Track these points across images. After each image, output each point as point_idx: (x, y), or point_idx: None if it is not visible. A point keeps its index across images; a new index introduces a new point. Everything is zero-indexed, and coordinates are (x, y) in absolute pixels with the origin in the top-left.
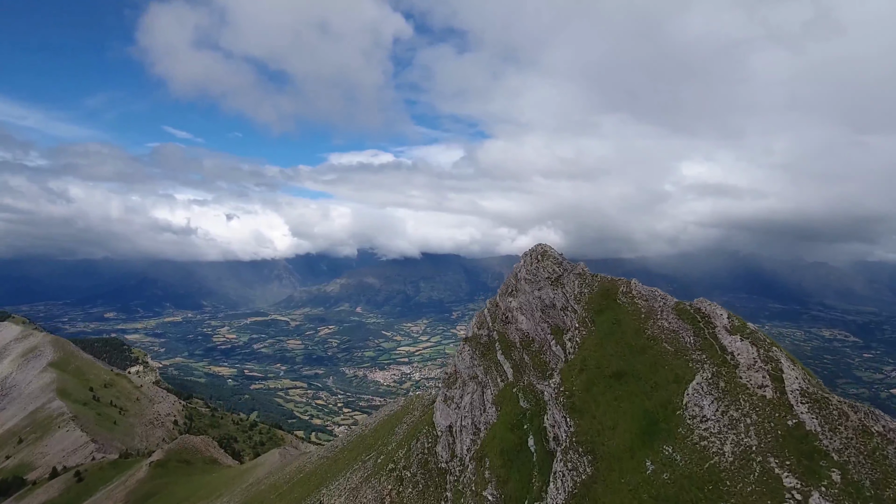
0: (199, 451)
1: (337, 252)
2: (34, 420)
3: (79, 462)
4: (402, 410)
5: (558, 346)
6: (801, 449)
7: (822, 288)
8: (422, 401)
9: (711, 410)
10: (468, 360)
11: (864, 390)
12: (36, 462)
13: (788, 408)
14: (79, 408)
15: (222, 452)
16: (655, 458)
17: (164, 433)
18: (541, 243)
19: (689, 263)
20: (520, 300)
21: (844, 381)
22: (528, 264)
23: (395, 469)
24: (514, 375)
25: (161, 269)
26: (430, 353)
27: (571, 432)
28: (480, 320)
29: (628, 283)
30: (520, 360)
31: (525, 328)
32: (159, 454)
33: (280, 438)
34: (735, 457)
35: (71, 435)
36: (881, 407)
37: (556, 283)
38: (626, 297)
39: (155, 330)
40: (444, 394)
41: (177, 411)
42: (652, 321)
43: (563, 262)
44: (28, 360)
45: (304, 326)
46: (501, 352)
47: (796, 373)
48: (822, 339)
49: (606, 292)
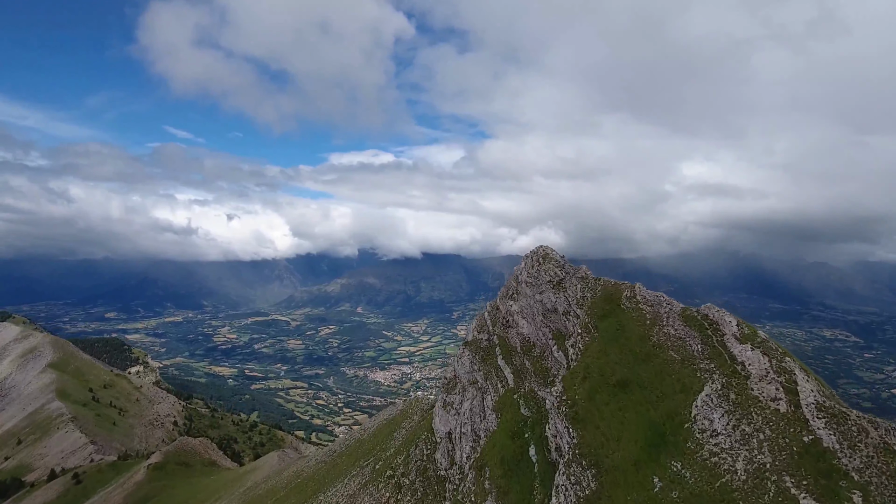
0: (198, 454)
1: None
2: (33, 421)
3: (77, 464)
4: (400, 415)
5: (560, 352)
6: (819, 468)
7: (822, 288)
8: (421, 405)
9: (722, 424)
10: (468, 365)
11: (865, 390)
12: (35, 463)
13: (804, 423)
14: (78, 409)
15: (221, 454)
16: (663, 473)
17: (163, 434)
18: (542, 245)
19: (690, 264)
20: (521, 304)
21: (845, 382)
22: (529, 267)
23: (393, 476)
24: (514, 381)
25: (162, 269)
26: (430, 354)
27: (574, 444)
28: (481, 324)
29: (632, 287)
30: (521, 365)
31: (526, 332)
32: (157, 456)
33: (280, 439)
34: (748, 475)
35: (70, 436)
36: (882, 407)
37: (558, 286)
38: (631, 301)
39: (156, 330)
40: (443, 399)
41: (177, 412)
42: (657, 328)
43: (564, 266)
44: (27, 360)
45: (305, 326)
46: (502, 357)
47: (811, 385)
48: (822, 339)
49: (610, 297)
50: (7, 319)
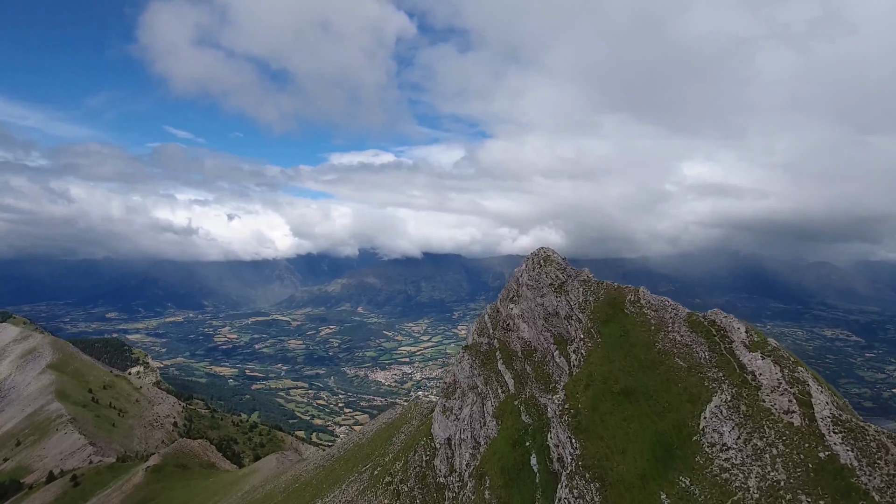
0: (197, 456)
1: (338, 252)
2: (32, 422)
3: (76, 465)
4: (399, 418)
5: (562, 358)
6: (836, 486)
7: (823, 288)
8: (420, 409)
9: (732, 438)
10: (468, 370)
11: (866, 390)
12: (33, 465)
13: (819, 438)
14: (77, 410)
15: (220, 456)
16: (671, 489)
17: (163, 435)
18: (543, 247)
19: (690, 263)
20: (521, 307)
21: (846, 381)
22: (529, 269)
23: (391, 482)
24: (515, 387)
25: (162, 269)
26: (430, 353)
27: (577, 455)
28: (481, 327)
29: (636, 291)
30: (521, 370)
31: (527, 337)
32: (156, 459)
33: (280, 440)
34: (761, 493)
35: (69, 437)
36: (884, 407)
37: (560, 290)
38: (635, 306)
39: (156, 330)
40: (442, 404)
41: (176, 413)
42: (663, 334)
43: (566, 268)
44: (27, 361)
45: (306, 326)
46: (502, 361)
47: (825, 397)
48: (824, 338)
49: (613, 301)
50: (7, 320)
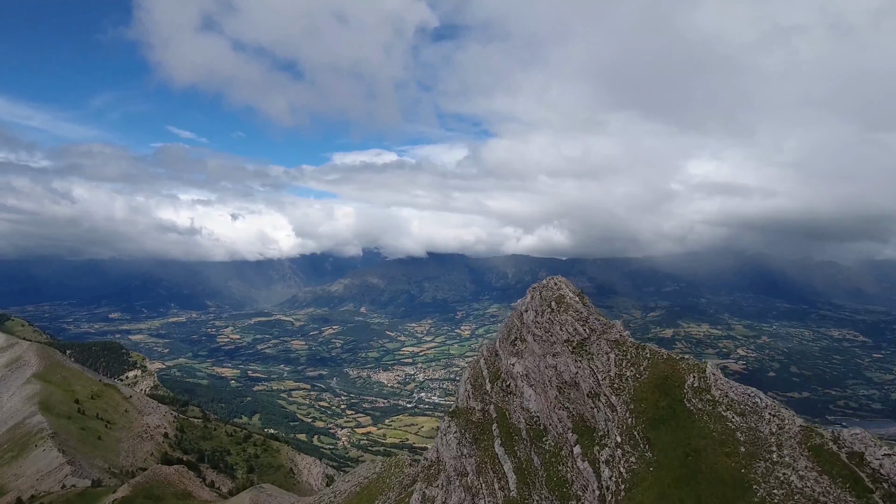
0: (171, 484)
1: (341, 252)
2: (12, 437)
3: (50, 487)
4: (376, 482)
5: (587, 464)
6: None
7: (830, 287)
8: (400, 474)
9: None
10: (455, 448)
11: (874, 392)
12: (9, 485)
13: None
14: (61, 422)
15: (198, 483)
16: None
17: (152, 447)
18: (554, 278)
19: (697, 263)
20: (526, 363)
21: (854, 382)
22: (537, 310)
23: None
24: (518, 487)
25: (166, 270)
26: (434, 354)
27: None
28: (475, 375)
29: (701, 369)
30: (526, 460)
31: (534, 409)
32: (125, 490)
33: (276, 450)
34: None
35: (47, 455)
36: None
37: (580, 350)
38: (700, 398)
39: (159, 330)
40: (422, 491)
41: (168, 423)
42: (763, 463)
43: (588, 318)
44: (12, 370)
45: (308, 327)
46: (501, 441)
47: None
48: (830, 339)
49: (664, 382)
50: (6, 322)
